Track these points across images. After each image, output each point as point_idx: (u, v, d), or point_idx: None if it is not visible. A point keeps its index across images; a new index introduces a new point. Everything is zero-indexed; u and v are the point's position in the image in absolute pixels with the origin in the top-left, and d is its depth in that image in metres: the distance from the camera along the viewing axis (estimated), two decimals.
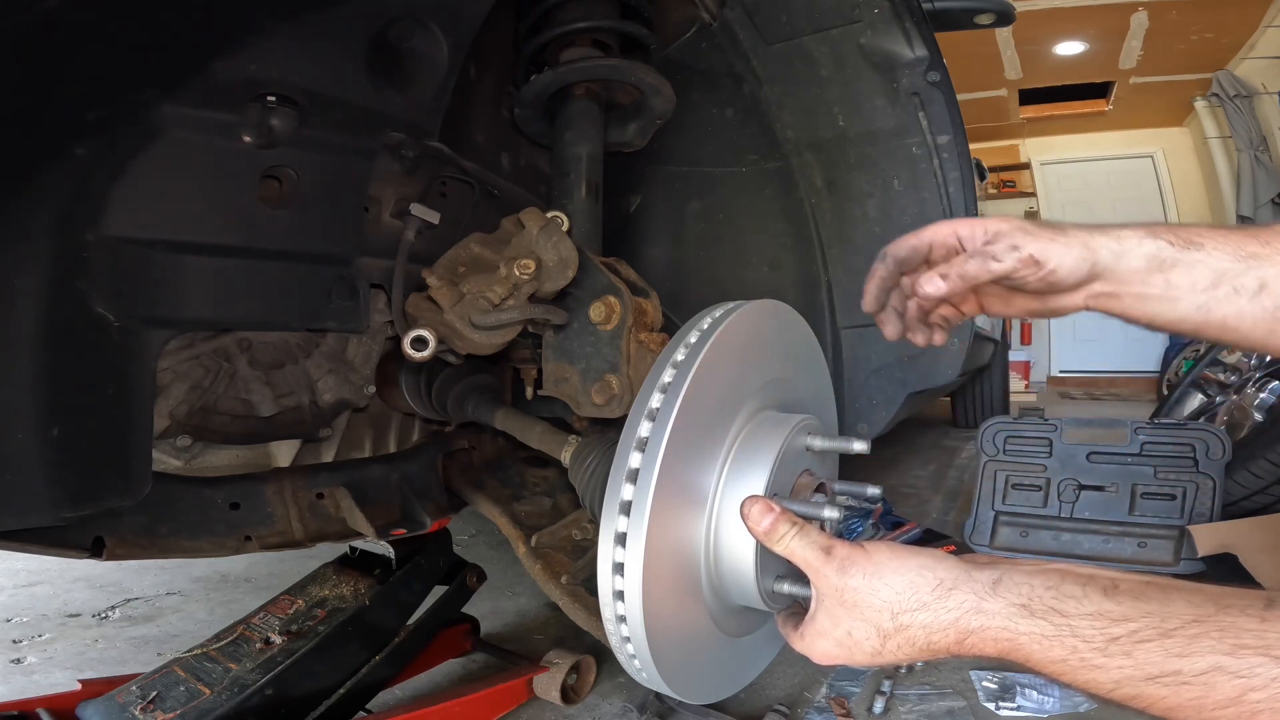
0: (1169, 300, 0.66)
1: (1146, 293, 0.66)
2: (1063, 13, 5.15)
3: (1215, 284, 0.63)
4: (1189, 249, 0.65)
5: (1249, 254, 0.63)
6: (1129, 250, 0.66)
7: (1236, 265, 0.63)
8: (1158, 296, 0.66)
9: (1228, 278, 0.63)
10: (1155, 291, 0.66)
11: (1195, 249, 0.65)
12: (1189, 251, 0.65)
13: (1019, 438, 1.93)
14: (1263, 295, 0.62)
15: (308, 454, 1.07)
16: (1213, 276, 0.64)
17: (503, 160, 1.29)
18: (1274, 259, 0.62)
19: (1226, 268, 0.63)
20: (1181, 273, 0.65)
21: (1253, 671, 0.42)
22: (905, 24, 1.14)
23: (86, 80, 0.60)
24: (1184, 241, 0.65)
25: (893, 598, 0.56)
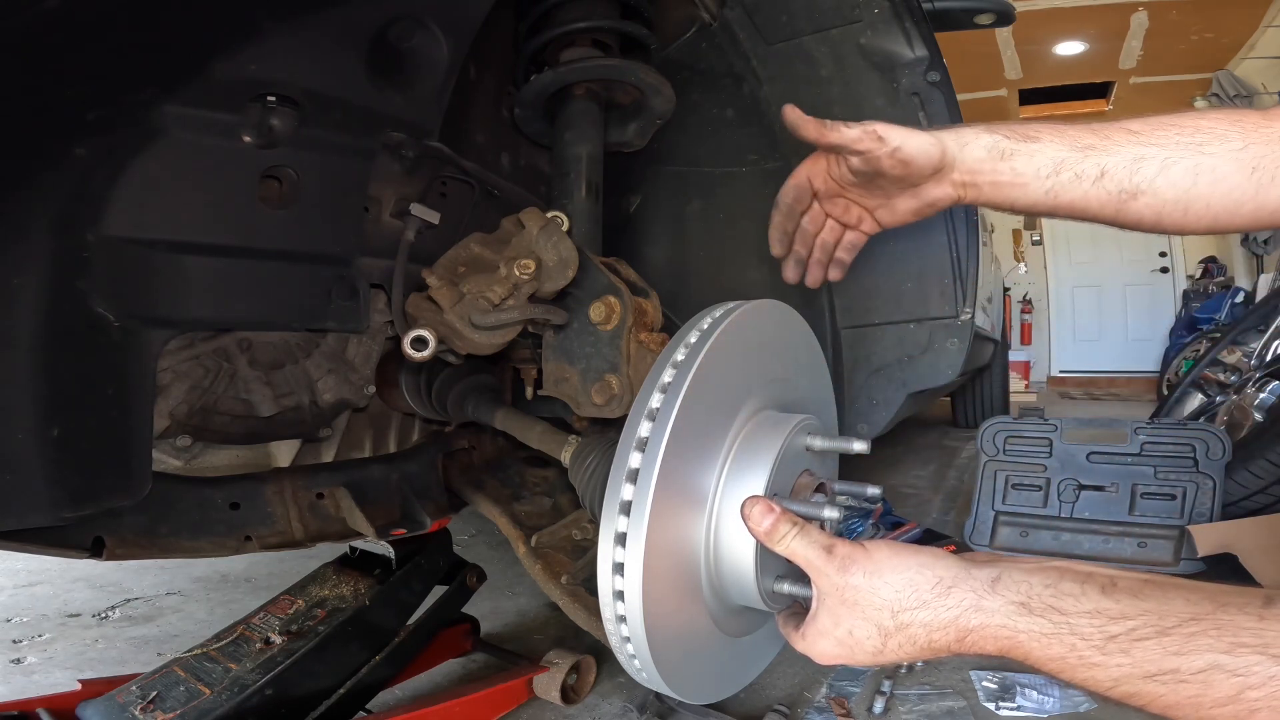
0: (1020, 186, 0.73)
1: (999, 180, 0.73)
2: (1063, 13, 5.15)
3: (1057, 170, 0.71)
4: (1026, 141, 0.72)
5: (1085, 145, 0.70)
6: (970, 141, 0.74)
7: (1073, 154, 0.70)
8: (1009, 183, 0.73)
9: (1067, 165, 0.70)
10: (1006, 179, 0.73)
11: (1032, 141, 0.72)
12: (1026, 143, 0.72)
13: (1019, 438, 1.93)
14: (1105, 180, 0.69)
15: (308, 454, 1.07)
16: (1053, 164, 0.71)
17: (503, 160, 1.29)
18: (1110, 149, 0.69)
19: (1065, 156, 0.70)
20: (1023, 160, 0.72)
21: (1250, 670, 0.42)
22: (905, 24, 1.14)
23: (86, 80, 0.60)
24: (1020, 135, 0.72)
25: (893, 596, 0.56)
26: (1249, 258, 6.22)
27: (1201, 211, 0.67)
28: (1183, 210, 0.68)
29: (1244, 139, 0.65)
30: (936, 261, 1.23)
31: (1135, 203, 0.69)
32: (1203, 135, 0.66)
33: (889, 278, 1.28)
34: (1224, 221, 0.68)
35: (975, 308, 1.25)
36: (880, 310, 1.30)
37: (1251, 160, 0.65)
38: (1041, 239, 7.55)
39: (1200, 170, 0.66)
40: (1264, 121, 0.66)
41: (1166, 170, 0.67)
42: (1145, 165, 0.68)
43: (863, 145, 0.75)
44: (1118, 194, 0.69)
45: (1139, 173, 0.68)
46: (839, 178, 0.85)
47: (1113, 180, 0.69)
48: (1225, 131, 0.66)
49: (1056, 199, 0.71)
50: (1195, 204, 0.67)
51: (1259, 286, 5.49)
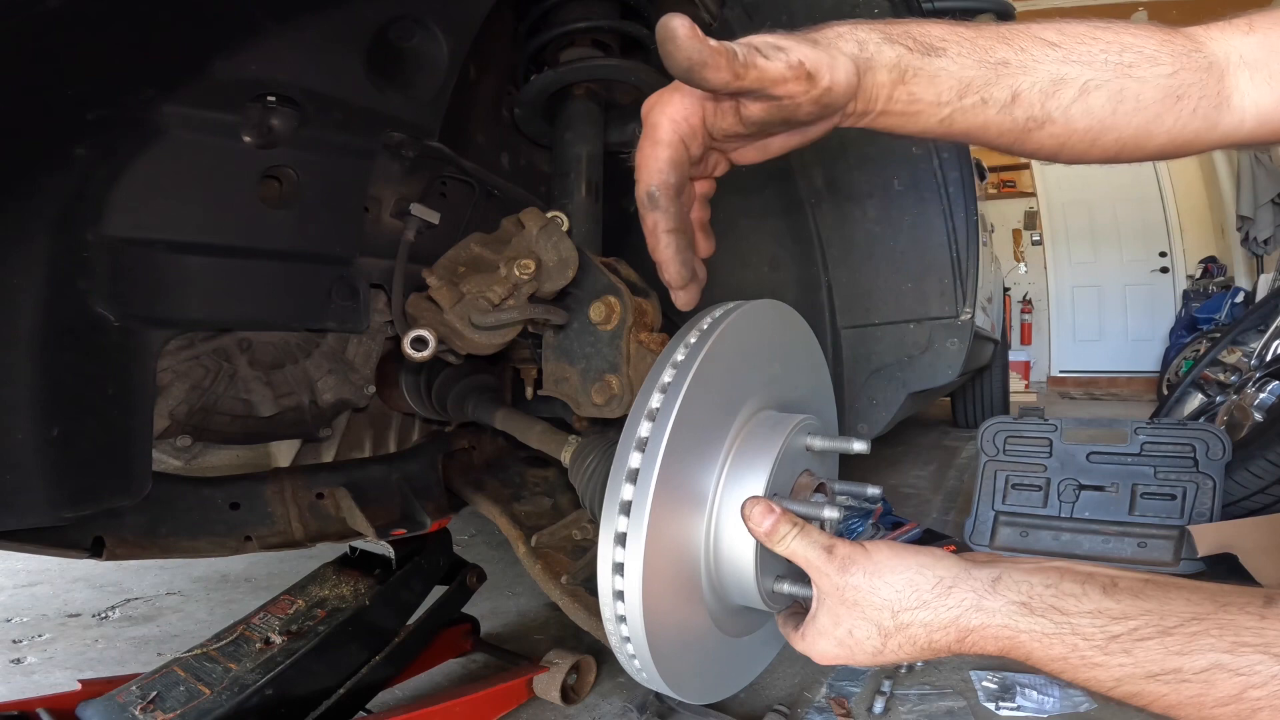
0: (911, 115, 0.60)
1: (891, 109, 0.59)
2: (1062, 13, 5.15)
3: (961, 94, 0.58)
4: (930, 55, 0.58)
5: (999, 61, 0.58)
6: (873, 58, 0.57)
7: (984, 73, 0.57)
8: (900, 112, 0.60)
9: (974, 87, 0.58)
10: (899, 107, 0.59)
11: (937, 55, 0.58)
12: (930, 59, 0.58)
13: (1019, 438, 1.93)
14: (1014, 106, 0.58)
15: (308, 454, 1.07)
16: (958, 86, 0.58)
17: (503, 160, 1.29)
18: (1027, 66, 0.57)
19: (973, 76, 0.58)
20: (924, 84, 0.58)
21: (1252, 669, 0.42)
22: None
23: (86, 80, 0.60)
24: (923, 46, 0.58)
25: (893, 596, 0.56)
26: (1249, 258, 6.22)
27: (1109, 144, 0.59)
28: (1090, 142, 0.59)
29: (1174, 63, 0.57)
30: (936, 261, 1.23)
31: (1040, 132, 0.58)
32: (1131, 55, 0.57)
33: (889, 278, 1.28)
34: (1128, 153, 0.59)
35: (975, 308, 1.26)
36: (880, 310, 1.30)
37: (1178, 88, 0.57)
38: (1041, 239, 7.55)
39: (1124, 98, 0.57)
40: (1192, 45, 0.58)
41: (1085, 96, 0.57)
42: (1063, 90, 0.57)
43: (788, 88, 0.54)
44: (1024, 121, 0.58)
45: (1053, 98, 0.57)
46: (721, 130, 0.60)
47: (1023, 106, 0.58)
48: (1154, 53, 0.57)
49: (950, 126, 0.59)
50: (1106, 135, 0.58)
51: (1259, 286, 5.49)
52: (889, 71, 0.57)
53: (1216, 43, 0.58)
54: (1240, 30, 0.58)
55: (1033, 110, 0.58)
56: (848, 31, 0.57)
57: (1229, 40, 0.57)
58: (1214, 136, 0.58)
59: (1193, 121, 0.57)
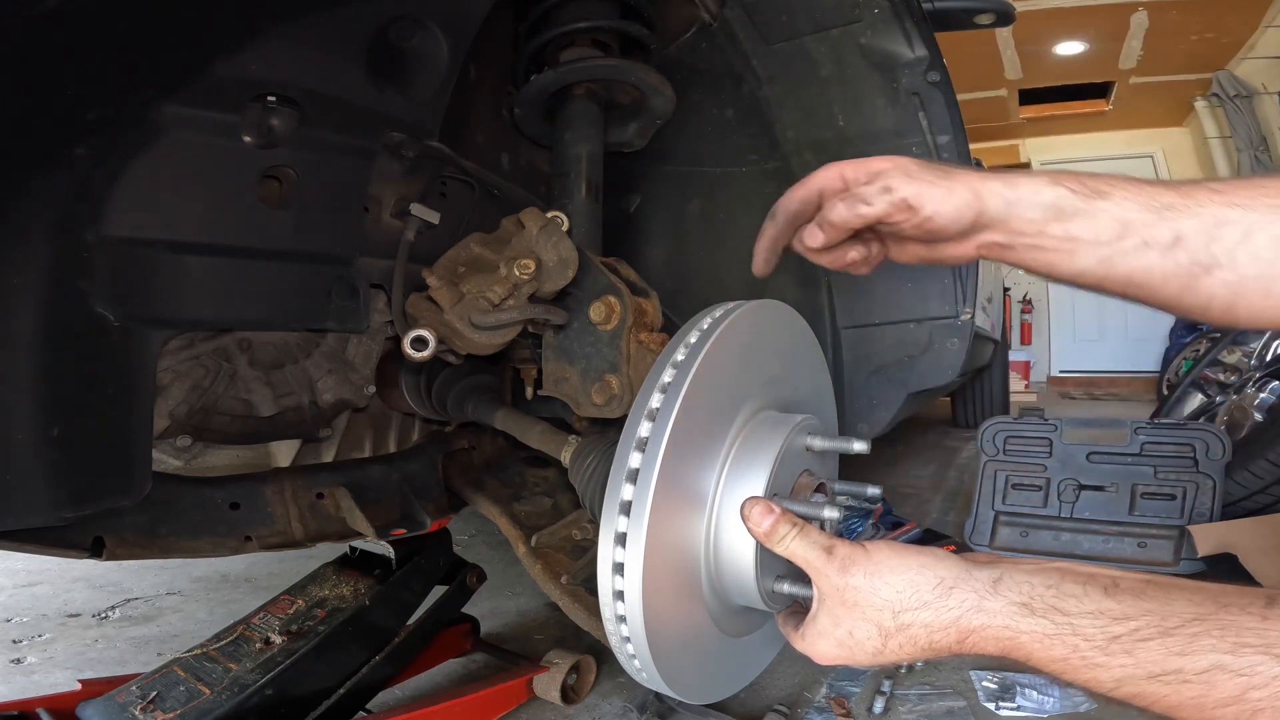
0: (1067, 252, 0.61)
1: (1043, 244, 0.62)
2: (1063, 13, 5.15)
3: (1121, 235, 0.58)
4: (1094, 198, 0.59)
5: (1163, 205, 0.57)
6: (1024, 199, 0.61)
7: (1147, 216, 0.58)
8: (1055, 249, 0.61)
9: (1136, 229, 0.58)
10: (1052, 244, 0.61)
11: (1101, 198, 0.59)
12: (1093, 201, 0.59)
13: (1019, 438, 1.93)
14: (1177, 249, 0.56)
15: (308, 454, 1.07)
16: (1118, 228, 0.58)
17: (503, 160, 1.29)
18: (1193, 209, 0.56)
19: (1134, 218, 0.58)
20: (1083, 223, 0.59)
21: (1254, 670, 0.42)
22: (905, 24, 1.14)
23: (86, 80, 0.60)
24: (1089, 190, 0.60)
25: (894, 597, 0.56)
26: None
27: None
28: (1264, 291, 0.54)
29: None
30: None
31: (1208, 278, 0.56)
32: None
33: (889, 278, 1.28)
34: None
35: (975, 307, 1.26)
36: (880, 310, 1.30)
37: None
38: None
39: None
40: None
41: (1250, 238, 0.54)
42: (1226, 232, 0.54)
43: (892, 219, 0.65)
44: (1189, 266, 0.56)
45: (1218, 241, 0.55)
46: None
47: (1186, 249, 0.56)
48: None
49: (1110, 269, 0.59)
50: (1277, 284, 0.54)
51: None
52: (1043, 210, 0.60)
53: None
54: None
55: (1196, 254, 0.56)
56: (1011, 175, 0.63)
57: None
58: None
59: None
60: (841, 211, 0.66)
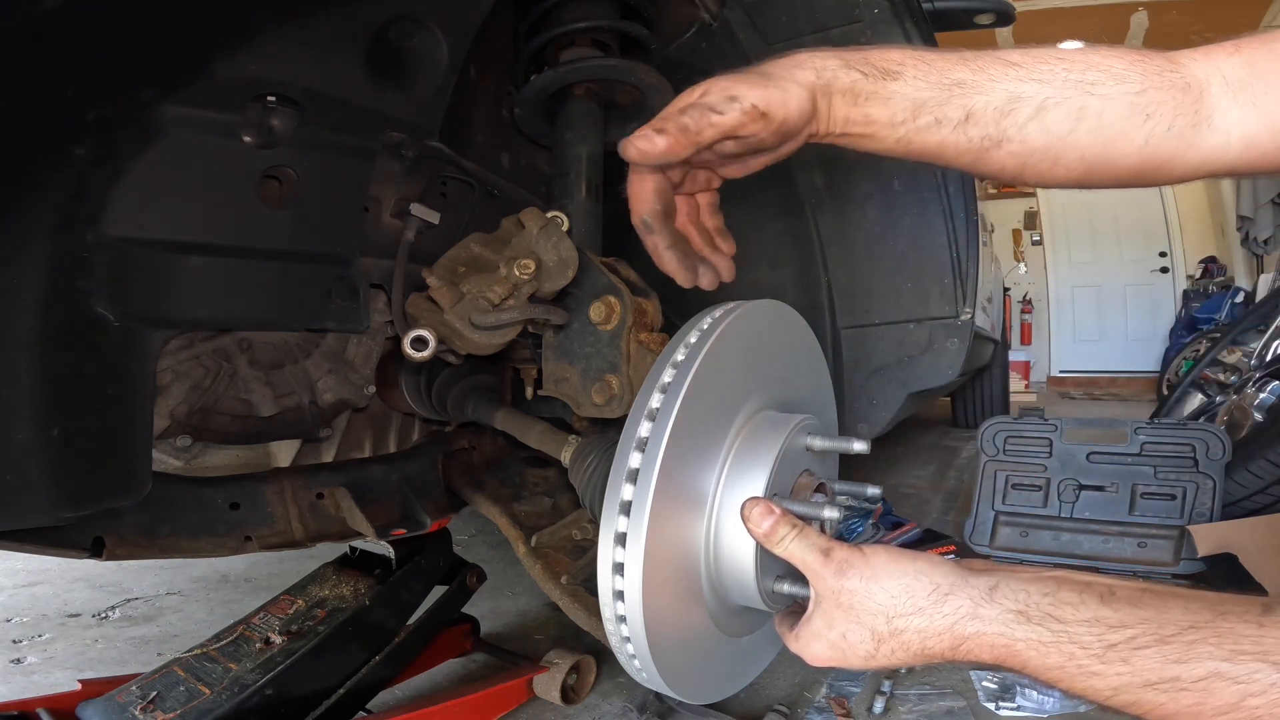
0: (868, 136, 0.63)
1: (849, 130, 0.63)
2: (1063, 13, 5.16)
3: (915, 114, 0.60)
4: (885, 79, 0.61)
5: (954, 82, 0.59)
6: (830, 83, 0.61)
7: (938, 94, 0.59)
8: (858, 134, 0.63)
9: (928, 108, 0.59)
10: (856, 129, 0.62)
11: (892, 79, 0.60)
12: (884, 82, 0.61)
13: (1019, 438, 1.93)
14: (968, 125, 0.59)
15: (308, 454, 1.07)
16: (911, 108, 0.60)
17: (503, 160, 1.29)
18: (982, 86, 0.58)
19: (926, 97, 0.59)
20: (877, 105, 0.61)
21: (1251, 677, 0.42)
22: (905, 24, 1.14)
23: (86, 80, 0.60)
24: (879, 71, 0.61)
25: (888, 601, 0.56)
26: (1249, 258, 6.22)
27: (1073, 162, 0.58)
28: (1051, 160, 0.58)
29: (1143, 81, 0.56)
30: (936, 261, 1.24)
31: (998, 151, 0.59)
32: (1095, 73, 0.57)
33: (889, 278, 1.28)
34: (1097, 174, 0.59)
35: (975, 308, 1.26)
36: (880, 310, 1.30)
37: (1146, 106, 0.56)
38: (1041, 239, 7.55)
39: (1085, 114, 0.56)
40: (1168, 65, 0.57)
41: (1043, 113, 0.57)
42: (1019, 108, 0.58)
43: (748, 130, 0.61)
44: (980, 140, 0.59)
45: (1009, 115, 0.58)
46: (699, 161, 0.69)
47: (978, 125, 0.59)
48: (1123, 71, 0.57)
49: (908, 146, 0.61)
50: (1068, 153, 0.58)
51: (1259, 286, 5.49)
52: (843, 95, 0.61)
53: (1197, 64, 0.57)
54: (1226, 52, 0.57)
55: (987, 129, 0.59)
56: (806, 59, 0.62)
57: (1212, 62, 0.57)
58: (1196, 157, 0.57)
59: (1167, 141, 0.56)
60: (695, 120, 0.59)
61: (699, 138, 0.60)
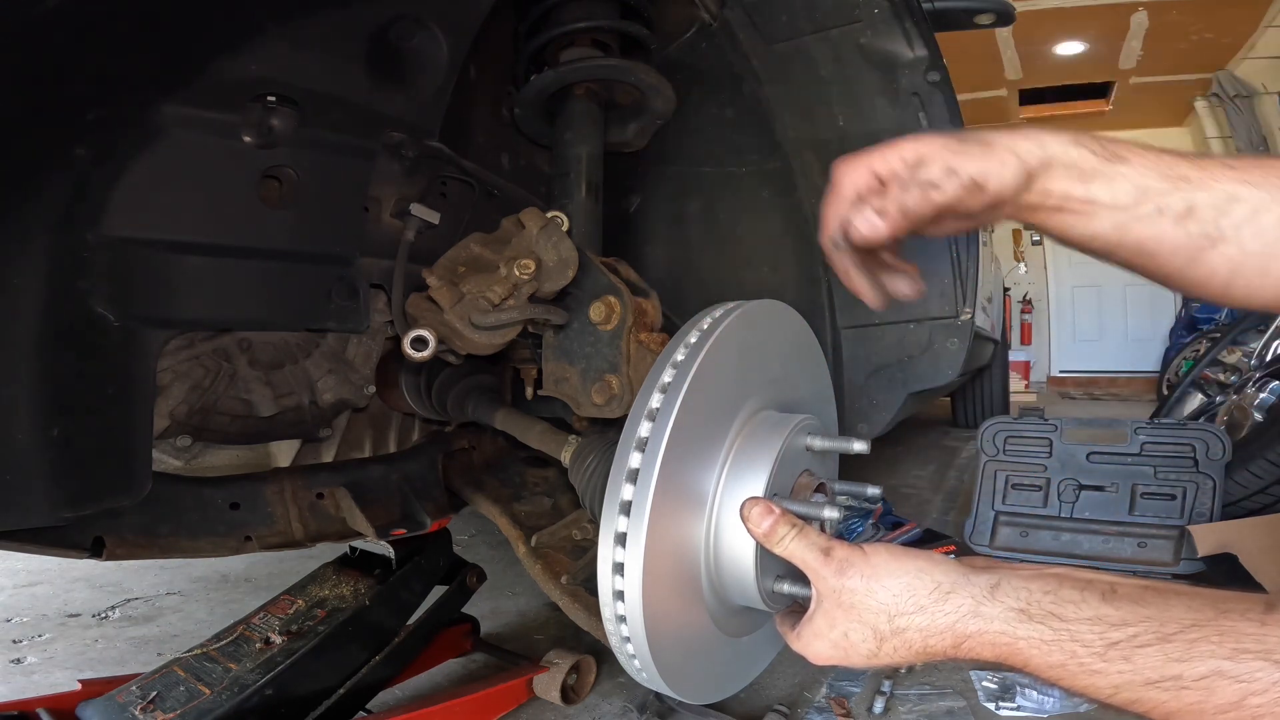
0: (1085, 215, 0.61)
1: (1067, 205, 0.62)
2: (1063, 13, 5.15)
3: (1138, 201, 0.59)
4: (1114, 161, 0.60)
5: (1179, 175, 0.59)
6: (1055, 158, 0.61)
7: (1163, 184, 0.59)
8: (1076, 211, 0.62)
9: (1152, 196, 0.59)
10: (1075, 206, 0.62)
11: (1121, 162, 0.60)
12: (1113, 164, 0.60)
13: (1019, 438, 1.93)
14: (1189, 220, 0.58)
15: (308, 454, 1.07)
16: (1136, 193, 0.59)
17: (503, 160, 1.29)
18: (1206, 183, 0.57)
19: (1152, 185, 0.59)
20: (1102, 186, 0.60)
21: (1253, 676, 0.42)
22: (905, 24, 1.14)
23: (86, 80, 0.60)
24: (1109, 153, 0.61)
25: (890, 600, 0.56)
26: None
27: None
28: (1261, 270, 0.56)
29: None
30: (936, 261, 1.23)
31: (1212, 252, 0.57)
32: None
33: None
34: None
35: (975, 308, 1.26)
36: (880, 310, 1.30)
37: None
38: (1041, 239, 7.55)
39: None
40: None
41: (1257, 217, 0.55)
42: (1236, 208, 0.56)
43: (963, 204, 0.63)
44: (1198, 238, 0.57)
45: (1227, 215, 0.56)
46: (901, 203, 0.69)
47: (1197, 221, 0.57)
48: None
49: (1124, 233, 0.60)
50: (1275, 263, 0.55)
51: None
52: (1067, 170, 0.61)
53: None
54: None
55: (1206, 226, 0.57)
56: (1033, 132, 0.62)
57: None
58: None
59: None
60: (914, 199, 0.62)
61: (919, 216, 0.63)
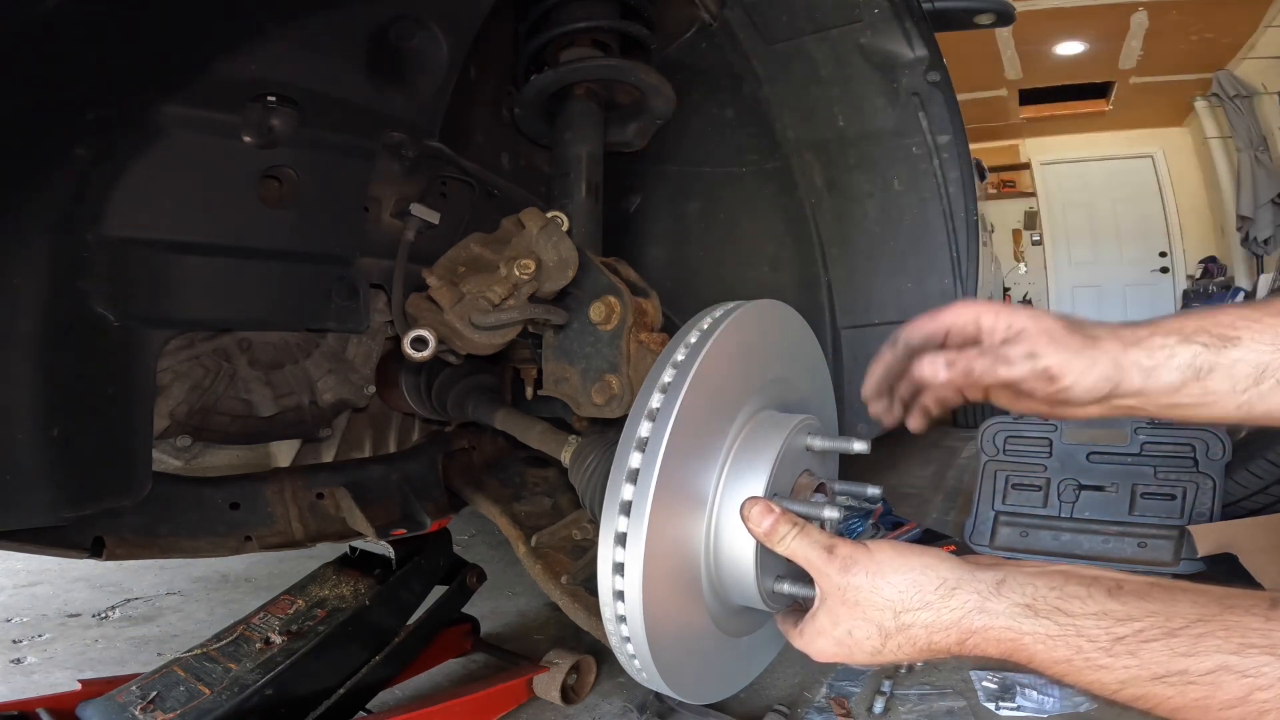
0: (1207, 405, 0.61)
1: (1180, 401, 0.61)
2: (1063, 13, 5.15)
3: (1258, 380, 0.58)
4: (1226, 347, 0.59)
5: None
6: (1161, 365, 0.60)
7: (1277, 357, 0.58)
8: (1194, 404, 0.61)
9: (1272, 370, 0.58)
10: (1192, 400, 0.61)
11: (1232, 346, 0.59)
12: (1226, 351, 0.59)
13: (1019, 438, 1.93)
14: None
15: (308, 454, 1.07)
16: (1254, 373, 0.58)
17: (503, 160, 1.29)
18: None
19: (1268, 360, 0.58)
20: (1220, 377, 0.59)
21: (1259, 671, 0.42)
22: (905, 24, 1.14)
23: (86, 80, 0.60)
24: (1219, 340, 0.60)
25: (896, 596, 0.56)
26: (1249, 258, 6.21)
27: None
28: None
29: None
30: (936, 261, 1.23)
31: None
32: None
33: (889, 278, 1.28)
34: None
35: None
36: (880, 310, 1.30)
37: None
38: (1041, 239, 7.55)
39: None
40: None
41: None
42: None
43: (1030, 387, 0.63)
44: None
45: None
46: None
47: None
48: None
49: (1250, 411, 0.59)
50: None
51: (1259, 286, 5.49)
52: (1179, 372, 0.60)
53: None
54: None
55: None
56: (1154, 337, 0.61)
57: None
58: None
59: None
60: (982, 366, 0.63)
61: (979, 381, 0.65)
